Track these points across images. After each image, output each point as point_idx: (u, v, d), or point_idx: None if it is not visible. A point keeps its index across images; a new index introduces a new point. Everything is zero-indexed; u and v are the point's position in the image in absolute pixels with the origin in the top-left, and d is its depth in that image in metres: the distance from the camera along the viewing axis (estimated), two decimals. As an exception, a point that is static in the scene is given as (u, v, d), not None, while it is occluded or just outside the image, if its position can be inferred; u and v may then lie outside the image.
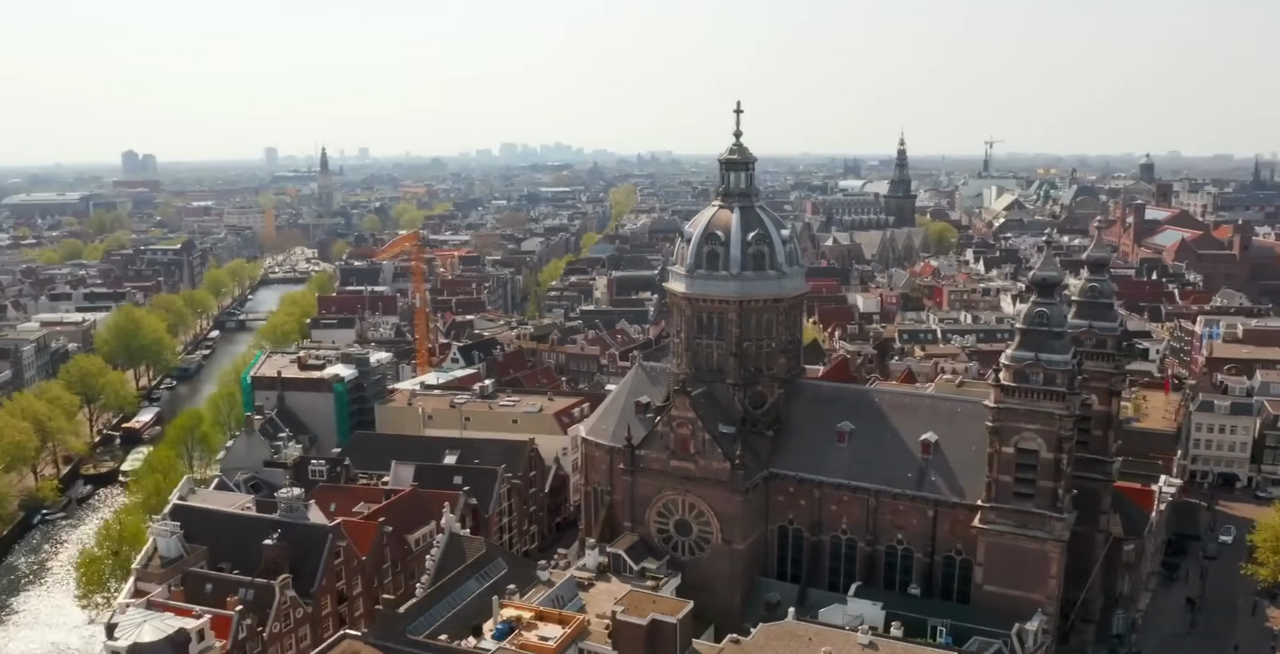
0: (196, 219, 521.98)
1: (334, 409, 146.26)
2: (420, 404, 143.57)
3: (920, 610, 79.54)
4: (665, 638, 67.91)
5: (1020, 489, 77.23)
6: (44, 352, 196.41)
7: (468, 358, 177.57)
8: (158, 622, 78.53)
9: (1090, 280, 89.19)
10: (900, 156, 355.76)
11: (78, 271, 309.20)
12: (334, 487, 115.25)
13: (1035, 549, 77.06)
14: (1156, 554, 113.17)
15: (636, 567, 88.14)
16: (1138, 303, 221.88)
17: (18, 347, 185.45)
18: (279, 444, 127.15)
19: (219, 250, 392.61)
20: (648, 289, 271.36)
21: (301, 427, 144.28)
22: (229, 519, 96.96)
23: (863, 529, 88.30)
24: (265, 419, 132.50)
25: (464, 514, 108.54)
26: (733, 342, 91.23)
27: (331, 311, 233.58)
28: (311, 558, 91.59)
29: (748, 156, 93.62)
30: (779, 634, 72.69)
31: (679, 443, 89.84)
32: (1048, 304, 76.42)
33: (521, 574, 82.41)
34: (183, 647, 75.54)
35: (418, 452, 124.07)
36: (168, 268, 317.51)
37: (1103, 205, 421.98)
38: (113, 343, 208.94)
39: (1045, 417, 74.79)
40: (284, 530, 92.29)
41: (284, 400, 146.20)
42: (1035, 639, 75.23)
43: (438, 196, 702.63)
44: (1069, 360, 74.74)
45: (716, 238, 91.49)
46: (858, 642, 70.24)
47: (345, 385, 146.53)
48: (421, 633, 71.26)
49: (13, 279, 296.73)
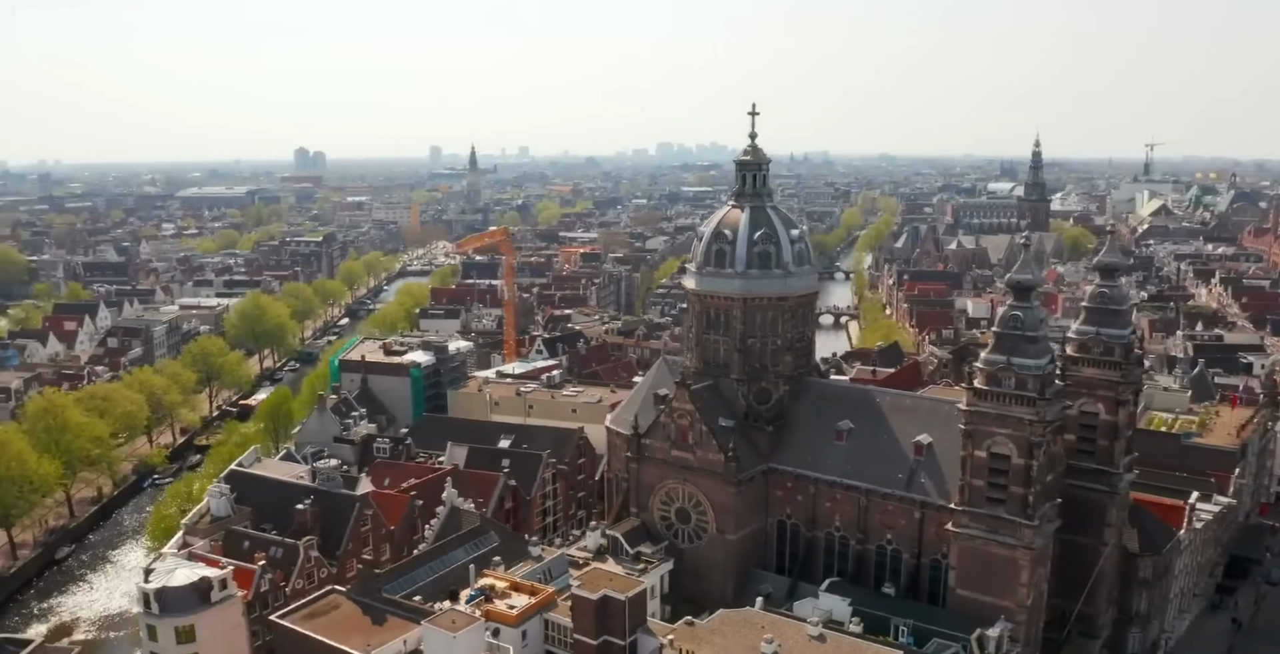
0: (348, 213, 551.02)
1: (410, 392, 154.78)
2: (489, 391, 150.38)
3: (891, 610, 79.83)
4: (615, 613, 70.87)
5: (992, 494, 76.49)
6: (175, 332, 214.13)
7: (551, 350, 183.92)
8: (188, 570, 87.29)
9: (1100, 285, 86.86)
10: (1035, 158, 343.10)
11: (226, 260, 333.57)
12: (390, 463, 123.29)
13: (1006, 556, 76.13)
14: (1202, 575, 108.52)
15: (632, 550, 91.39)
16: (1264, 315, 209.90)
17: (149, 327, 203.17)
18: (349, 422, 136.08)
19: (361, 243, 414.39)
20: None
21: (381, 407, 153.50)
22: (273, 485, 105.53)
23: (854, 527, 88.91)
24: (340, 399, 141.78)
25: (503, 494, 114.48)
26: (737, 338, 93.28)
27: (442, 303, 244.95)
28: (340, 524, 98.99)
29: (760, 158, 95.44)
30: (734, 620, 74.80)
31: (679, 433, 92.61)
32: (1022, 307, 75.38)
33: (513, 549, 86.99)
34: (205, 593, 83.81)
35: (475, 435, 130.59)
36: (307, 258, 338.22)
37: (1262, 213, 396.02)
38: (240, 326, 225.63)
39: (1016, 421, 73.92)
40: (317, 497, 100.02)
41: (367, 382, 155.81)
42: (998, 646, 74.57)
43: (582, 195, 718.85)
44: (1042, 365, 73.67)
45: (724, 236, 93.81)
46: (807, 633, 71.68)
47: (422, 371, 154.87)
48: (399, 593, 76.93)
49: (168, 266, 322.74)
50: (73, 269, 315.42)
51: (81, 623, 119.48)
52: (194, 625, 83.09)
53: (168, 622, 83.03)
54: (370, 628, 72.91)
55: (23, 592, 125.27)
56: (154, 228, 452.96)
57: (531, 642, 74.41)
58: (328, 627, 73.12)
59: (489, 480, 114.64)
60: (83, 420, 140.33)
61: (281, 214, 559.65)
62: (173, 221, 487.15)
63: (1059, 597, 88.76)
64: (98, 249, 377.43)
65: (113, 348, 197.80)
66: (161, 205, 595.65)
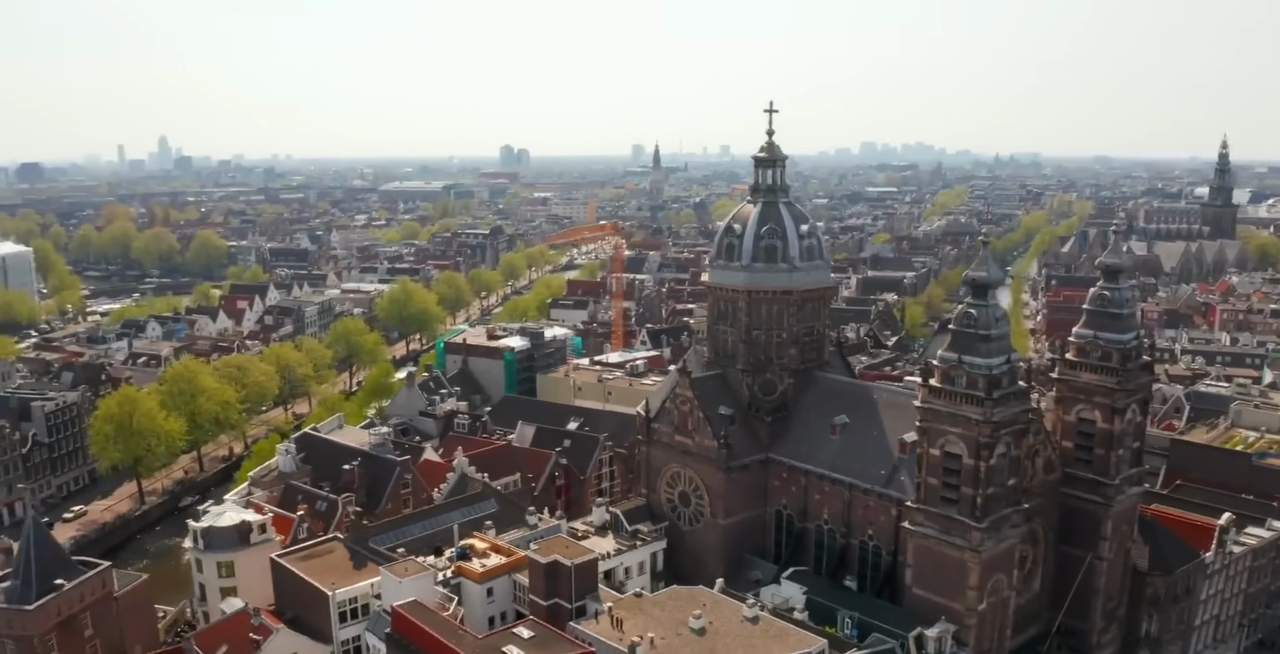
0: (530, 208, 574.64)
1: (504, 374, 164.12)
2: (574, 377, 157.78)
3: (842, 602, 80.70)
4: (563, 577, 75.63)
5: (946, 494, 76.09)
6: (327, 313, 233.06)
7: (655, 341, 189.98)
8: (235, 514, 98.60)
9: (1102, 288, 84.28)
10: (1222, 161, 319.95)
11: (401, 250, 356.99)
12: (463, 437, 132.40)
13: (956, 557, 75.37)
14: (1253, 606, 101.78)
15: (630, 527, 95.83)
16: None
17: (300, 307, 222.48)
18: (436, 398, 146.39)
19: (531, 236, 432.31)
20: (893, 290, 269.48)
21: (477, 387, 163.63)
22: (334, 448, 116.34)
23: (840, 521, 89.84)
24: (430, 376, 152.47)
25: (555, 472, 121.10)
26: (742, 329, 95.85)
27: (577, 294, 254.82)
28: (382, 484, 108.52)
29: (776, 154, 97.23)
30: (681, 596, 78.05)
31: (681, 419, 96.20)
32: (978, 305, 74.49)
33: (511, 516, 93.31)
34: (245, 535, 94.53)
35: (548, 416, 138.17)
36: (472, 250, 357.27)
37: None
38: (388, 310, 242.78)
39: (966, 421, 73.24)
40: (363, 460, 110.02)
41: (467, 363, 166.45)
42: (939, 647, 74.30)
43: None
44: (992, 365, 72.67)
45: (734, 231, 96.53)
46: (743, 614, 74.24)
47: (515, 355, 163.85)
48: (386, 545, 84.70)
49: (347, 253, 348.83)
50: (262, 254, 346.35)
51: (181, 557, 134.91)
52: (233, 562, 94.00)
53: (211, 557, 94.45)
54: (350, 571, 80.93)
55: (146, 531, 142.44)
56: (348, 218, 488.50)
57: (499, 599, 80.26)
58: (315, 567, 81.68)
59: (543, 458, 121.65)
60: (214, 386, 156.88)
61: (470, 208, 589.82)
62: (367, 213, 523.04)
63: (1055, 609, 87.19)
64: (294, 237, 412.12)
65: (267, 325, 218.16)
66: (362, 198, 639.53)
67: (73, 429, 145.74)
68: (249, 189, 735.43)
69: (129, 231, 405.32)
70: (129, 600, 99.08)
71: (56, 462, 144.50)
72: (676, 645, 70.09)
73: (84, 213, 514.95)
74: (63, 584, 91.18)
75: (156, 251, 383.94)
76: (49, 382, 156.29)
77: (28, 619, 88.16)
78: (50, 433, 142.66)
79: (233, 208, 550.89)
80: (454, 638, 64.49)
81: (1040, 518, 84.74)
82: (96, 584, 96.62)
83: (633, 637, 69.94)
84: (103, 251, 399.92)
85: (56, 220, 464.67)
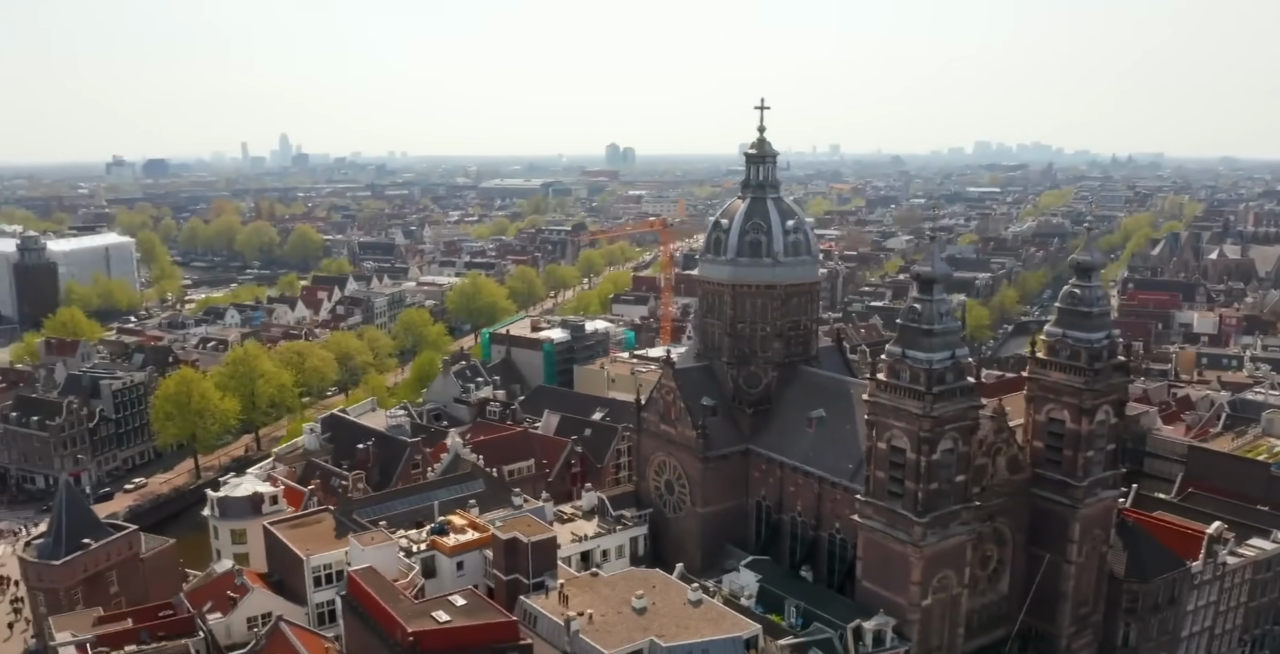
0: (623, 206, 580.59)
1: (543, 365, 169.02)
2: (610, 369, 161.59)
3: (791, 591, 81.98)
4: (521, 554, 79.50)
5: (892, 487, 76.93)
6: (398, 304, 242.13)
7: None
8: (250, 485, 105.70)
9: (1072, 286, 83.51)
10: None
11: (485, 245, 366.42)
12: (488, 423, 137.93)
13: (899, 551, 75.98)
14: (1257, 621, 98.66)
15: (614, 512, 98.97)
16: None
17: (370, 298, 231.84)
18: (471, 386, 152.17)
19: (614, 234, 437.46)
20: (964, 291, 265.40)
21: (518, 376, 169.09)
22: (355, 429, 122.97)
23: (811, 513, 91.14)
24: (467, 365, 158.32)
25: (570, 458, 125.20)
26: (727, 322, 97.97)
27: (641, 290, 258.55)
28: (394, 463, 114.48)
29: (766, 151, 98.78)
30: (636, 576, 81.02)
31: (665, 409, 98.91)
32: (922, 300, 74.91)
33: (497, 497, 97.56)
34: (257, 505, 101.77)
35: (576, 406, 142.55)
36: (553, 246, 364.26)
37: None
38: (457, 303, 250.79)
39: (908, 415, 74.06)
40: (377, 440, 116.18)
41: (509, 354, 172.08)
42: (876, 640, 75.01)
43: (863, 193, 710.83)
44: (934, 359, 73.23)
45: (721, 225, 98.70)
46: (687, 597, 76.72)
47: (553, 347, 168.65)
48: (369, 518, 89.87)
49: (434, 247, 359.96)
50: (352, 247, 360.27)
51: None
52: (245, 530, 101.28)
53: (225, 524, 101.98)
54: (331, 540, 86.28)
55: (199, 504, 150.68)
56: (442, 214, 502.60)
57: (470, 573, 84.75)
58: (300, 535, 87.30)
59: (559, 445, 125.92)
60: (272, 370, 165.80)
61: (565, 205, 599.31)
62: (462, 209, 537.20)
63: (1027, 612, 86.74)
64: (388, 231, 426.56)
65: (338, 314, 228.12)
66: (461, 195, 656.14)
67: (138, 407, 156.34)
68: (357, 185, 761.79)
69: (234, 225, 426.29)
70: (155, 562, 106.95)
71: (122, 436, 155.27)
72: (613, 622, 73.03)
73: (197, 207, 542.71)
74: (89, 544, 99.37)
75: (257, 244, 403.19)
76: (122, 363, 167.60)
77: (55, 573, 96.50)
78: (117, 410, 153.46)
79: (337, 203, 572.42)
80: (393, 602, 68.82)
81: (1007, 518, 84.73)
82: (123, 545, 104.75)
83: (575, 612, 73.32)
84: (209, 244, 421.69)
85: (171, 213, 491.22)
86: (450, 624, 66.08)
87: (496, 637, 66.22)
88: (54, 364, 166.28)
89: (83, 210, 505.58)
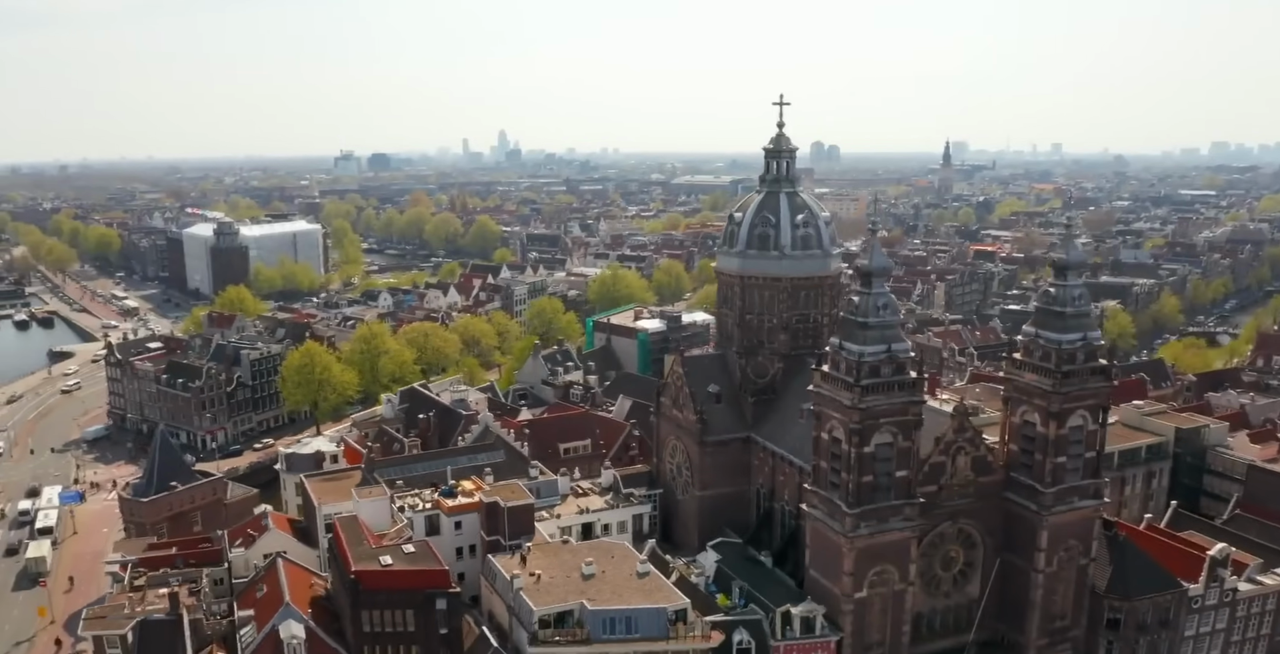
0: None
1: (638, 353, 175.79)
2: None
3: (747, 575, 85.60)
4: (499, 517, 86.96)
5: (832, 478, 78.92)
6: (538, 292, 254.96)
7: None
8: (318, 446, 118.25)
9: (1049, 285, 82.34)
10: None
11: (649, 239, 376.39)
12: (564, 404, 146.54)
13: (835, 541, 77.73)
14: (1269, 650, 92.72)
15: (624, 489, 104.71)
16: None
17: (509, 285, 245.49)
18: (560, 370, 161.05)
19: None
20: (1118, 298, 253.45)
21: (616, 363, 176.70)
22: (428, 401, 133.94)
23: (795, 501, 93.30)
24: (558, 350, 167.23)
25: (627, 441, 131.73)
26: (737, 313, 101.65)
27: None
28: (450, 433, 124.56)
29: (783, 146, 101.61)
30: (599, 547, 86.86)
31: (675, 394, 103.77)
32: (861, 293, 76.37)
33: (516, 468, 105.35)
34: (319, 462, 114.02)
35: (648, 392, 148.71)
36: (714, 241, 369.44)
37: None
38: (597, 293, 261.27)
39: (842, 406, 75.91)
40: (438, 412, 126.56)
41: (610, 341, 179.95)
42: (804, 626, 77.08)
43: (1065, 194, 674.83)
44: (866, 352, 74.57)
45: (735, 219, 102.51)
46: (636, 568, 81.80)
47: (648, 336, 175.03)
48: (388, 477, 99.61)
49: (598, 240, 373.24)
50: (521, 239, 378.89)
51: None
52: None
53: (290, 477, 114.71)
54: (349, 493, 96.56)
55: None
56: (621, 209, 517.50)
57: (467, 532, 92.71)
58: (327, 488, 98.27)
59: (619, 428, 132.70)
60: (395, 347, 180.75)
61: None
62: (638, 204, 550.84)
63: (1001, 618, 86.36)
64: (567, 225, 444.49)
65: (480, 300, 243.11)
66: (648, 190, 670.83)
67: (272, 376, 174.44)
68: (556, 180, 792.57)
69: (424, 216, 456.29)
70: (238, 508, 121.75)
71: (257, 401, 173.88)
72: (558, 584, 79.21)
73: (403, 198, 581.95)
74: (176, 486, 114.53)
75: (443, 234, 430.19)
76: (266, 336, 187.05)
77: (144, 509, 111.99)
78: (253, 377, 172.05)
79: (530, 198, 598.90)
80: (354, 544, 77.81)
81: (974, 520, 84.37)
82: (208, 491, 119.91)
83: (529, 572, 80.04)
84: (402, 233, 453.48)
85: (376, 204, 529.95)
86: (391, 567, 74.42)
87: (429, 583, 74.10)
88: (212, 335, 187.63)
89: (298, 200, 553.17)
